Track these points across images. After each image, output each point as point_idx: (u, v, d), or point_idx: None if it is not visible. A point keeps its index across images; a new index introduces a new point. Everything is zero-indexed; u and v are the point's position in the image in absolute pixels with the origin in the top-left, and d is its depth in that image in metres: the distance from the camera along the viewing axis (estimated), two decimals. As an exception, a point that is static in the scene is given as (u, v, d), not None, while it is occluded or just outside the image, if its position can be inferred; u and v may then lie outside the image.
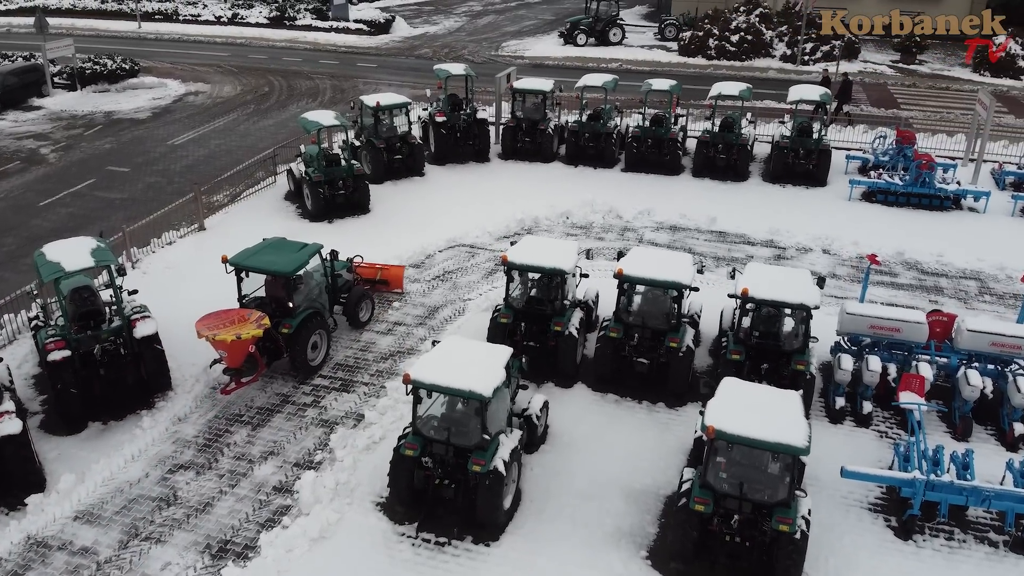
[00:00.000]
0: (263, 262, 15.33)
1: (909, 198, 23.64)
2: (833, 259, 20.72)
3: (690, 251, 20.88)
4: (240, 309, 15.06)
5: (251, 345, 14.45)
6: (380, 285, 18.67)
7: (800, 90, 25.55)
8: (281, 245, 16.27)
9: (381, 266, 18.78)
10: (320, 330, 15.75)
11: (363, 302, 17.28)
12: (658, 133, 25.78)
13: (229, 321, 14.47)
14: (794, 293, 13.99)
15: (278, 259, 15.40)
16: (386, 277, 18.74)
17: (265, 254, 15.68)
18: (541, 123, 26.84)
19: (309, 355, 15.58)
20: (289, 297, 15.27)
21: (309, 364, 15.64)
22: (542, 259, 15.00)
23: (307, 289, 16.03)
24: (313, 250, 15.96)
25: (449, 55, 45.03)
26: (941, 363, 15.27)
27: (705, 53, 43.02)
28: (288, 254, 15.62)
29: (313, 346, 15.64)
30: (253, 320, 14.46)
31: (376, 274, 18.60)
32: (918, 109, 33.73)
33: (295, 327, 15.15)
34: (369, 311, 17.51)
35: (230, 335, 13.99)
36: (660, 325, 14.96)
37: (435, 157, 26.91)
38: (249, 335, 14.13)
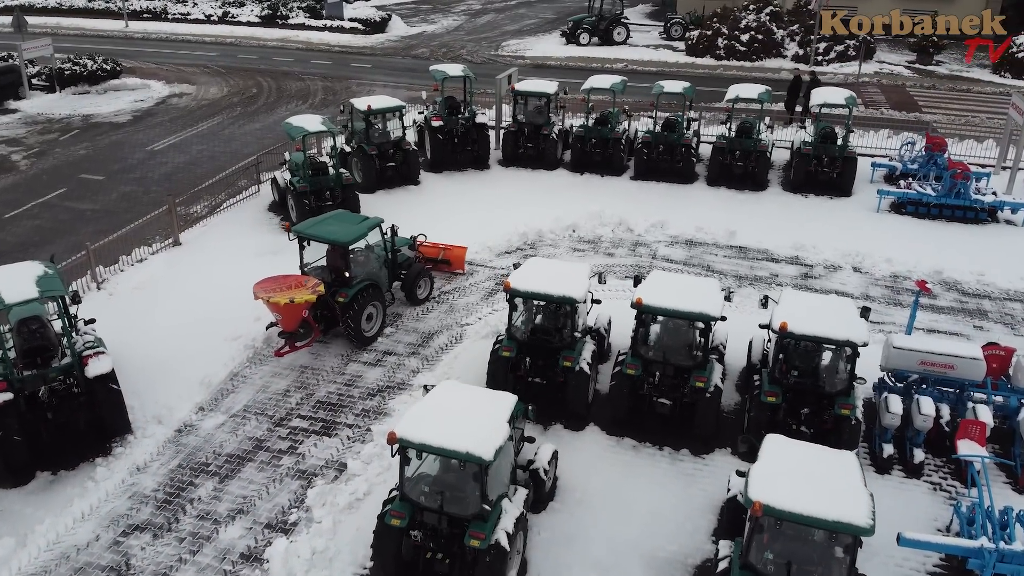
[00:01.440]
0: (323, 231, 15.70)
1: (942, 210, 21.90)
2: (865, 278, 18.97)
3: (708, 268, 19.26)
4: (299, 275, 15.61)
5: (304, 310, 14.87)
6: (442, 265, 18.71)
7: (823, 94, 23.78)
8: (343, 217, 16.72)
9: (444, 246, 18.78)
10: (376, 302, 15.91)
11: (421, 279, 17.38)
12: (670, 139, 24.03)
13: (287, 285, 14.96)
14: (839, 328, 12.25)
15: (338, 230, 15.74)
16: (448, 257, 18.76)
17: (327, 224, 16.10)
18: (544, 128, 25.09)
19: (364, 326, 15.77)
20: (346, 267, 15.55)
21: (363, 334, 15.79)
22: (549, 286, 13.25)
23: (365, 261, 16.42)
24: (373, 223, 16.17)
25: (447, 55, 43.25)
26: (998, 403, 13.54)
27: (714, 53, 41.24)
28: (349, 225, 15.95)
29: (368, 317, 15.82)
30: (309, 286, 14.93)
31: (439, 253, 18.66)
32: (941, 112, 31.98)
33: (350, 297, 15.37)
34: (427, 289, 17.61)
35: (284, 298, 14.48)
36: (684, 361, 13.21)
37: (431, 164, 25.18)
38: (302, 300, 14.56)
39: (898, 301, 17.99)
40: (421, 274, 17.42)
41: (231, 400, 14.52)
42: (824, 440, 12.62)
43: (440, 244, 18.83)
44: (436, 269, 18.56)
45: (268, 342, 16.08)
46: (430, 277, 17.74)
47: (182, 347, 15.65)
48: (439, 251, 18.72)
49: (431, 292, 17.77)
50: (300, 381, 14.97)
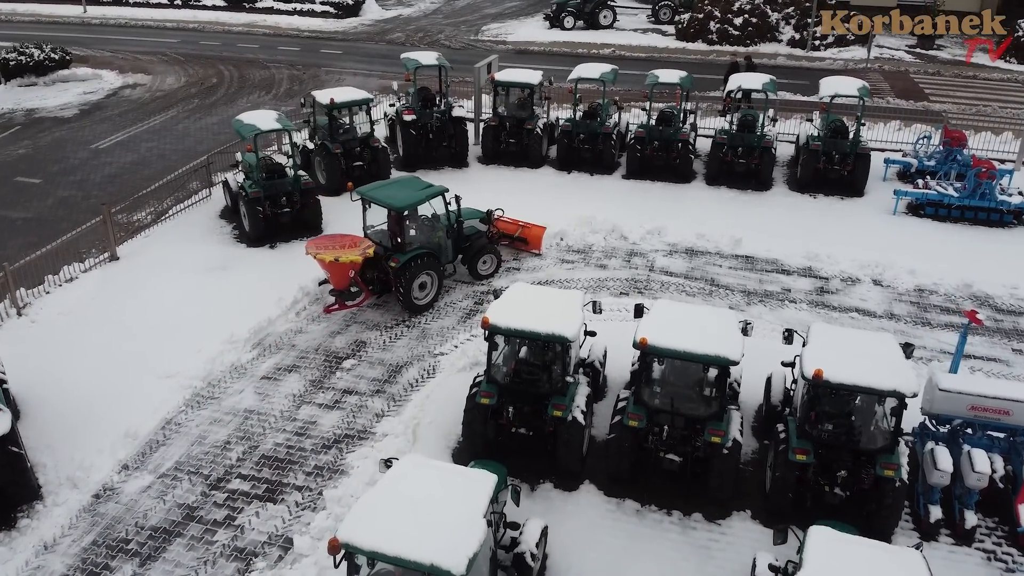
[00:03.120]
0: (383, 195, 15.50)
1: (963, 212, 19.93)
2: (887, 293, 16.96)
3: (713, 282, 17.19)
4: (355, 236, 15.73)
5: (352, 270, 15.18)
6: (519, 243, 18.10)
7: (834, 83, 21.67)
8: (408, 183, 16.46)
9: (524, 223, 18.12)
10: (431, 271, 15.64)
11: (485, 255, 16.89)
12: (666, 134, 21.88)
13: (340, 245, 15.22)
14: (883, 374, 10.19)
15: (397, 194, 15.49)
16: (526, 235, 18.06)
17: (389, 188, 16.06)
18: (528, 121, 22.89)
19: (416, 293, 15.56)
20: (401, 232, 15.27)
21: (414, 302, 15.59)
22: (536, 321, 11.11)
23: (425, 229, 16.19)
24: (434, 192, 15.81)
25: (423, 40, 40.85)
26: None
27: (706, 37, 39.05)
28: (410, 191, 15.69)
29: (421, 286, 15.62)
30: (360, 248, 15.13)
31: (516, 230, 18.05)
32: (950, 101, 30.03)
33: (402, 263, 15.19)
34: (492, 265, 17.10)
35: (330, 256, 14.82)
36: (697, 410, 11.15)
37: (403, 162, 22.93)
38: (347, 259, 14.83)
39: (926, 320, 16.01)
40: (485, 249, 16.83)
41: (161, 456, 12.31)
42: (863, 504, 10.70)
43: (519, 221, 18.14)
44: (512, 247, 18.08)
45: (318, 299, 16.04)
46: (496, 254, 17.11)
47: (108, 388, 13.44)
48: (517, 228, 18.04)
49: (497, 269, 17.17)
50: (243, 429, 12.79)
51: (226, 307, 15.61)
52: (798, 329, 15.32)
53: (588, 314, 12.44)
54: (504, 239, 18.02)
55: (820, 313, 16.17)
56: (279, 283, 16.32)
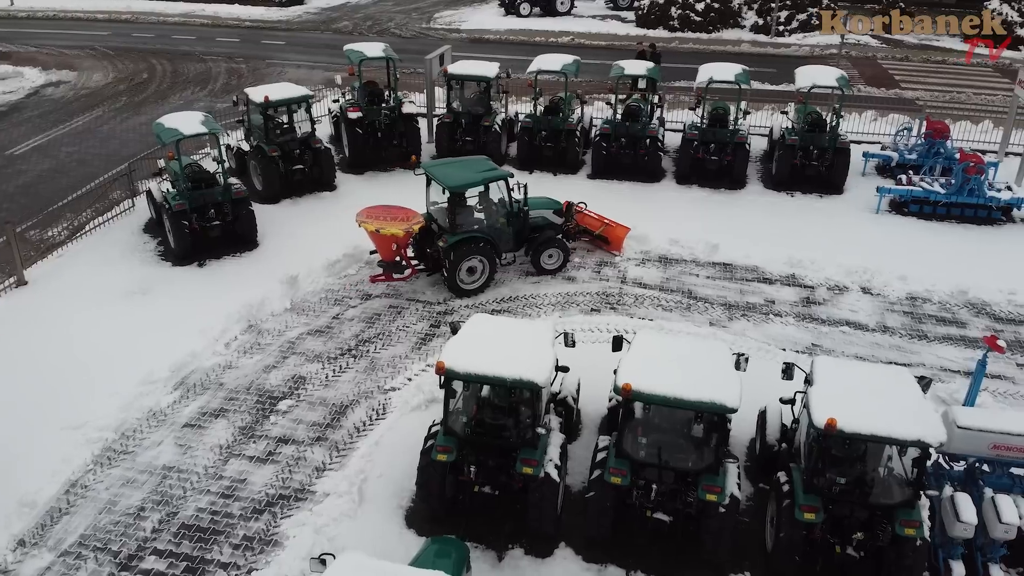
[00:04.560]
0: (441, 172, 15.13)
1: (950, 209, 18.75)
2: (879, 303, 15.66)
3: (690, 294, 15.73)
4: (409, 209, 15.50)
5: (394, 243, 15.00)
6: (599, 241, 17.20)
7: (811, 73, 20.30)
8: (474, 163, 15.98)
9: (608, 221, 17.15)
10: (481, 257, 15.14)
11: (551, 248, 16.05)
12: (633, 129, 20.34)
13: (389, 216, 15.10)
14: (903, 420, 8.78)
15: (455, 173, 15.09)
16: (608, 234, 17.12)
17: (451, 167, 15.68)
18: (485, 117, 21.20)
19: (463, 277, 15.21)
20: (452, 212, 14.87)
21: (460, 285, 15.24)
22: (501, 363, 9.47)
23: (489, 213, 15.70)
24: (494, 176, 15.31)
25: (372, 29, 38.81)
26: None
27: (667, 24, 37.64)
28: (469, 172, 15.25)
29: (470, 270, 15.20)
30: (410, 221, 15.00)
31: (599, 227, 17.13)
32: (922, 88, 28.99)
33: (449, 243, 14.85)
34: (559, 260, 16.22)
35: (372, 226, 14.74)
36: (689, 463, 9.64)
37: (350, 164, 21.13)
38: (388, 232, 14.68)
39: (923, 333, 14.73)
40: (551, 242, 15.97)
41: (63, 528, 10.45)
42: (879, 565, 9.30)
43: (604, 218, 17.19)
44: (593, 244, 17.23)
45: (251, 327, 14.58)
46: (564, 248, 16.17)
47: (3, 445, 11.48)
48: (600, 225, 17.11)
49: (564, 265, 16.28)
50: (161, 492, 10.96)
51: (145, 340, 13.71)
52: (787, 344, 14.37)
53: (560, 346, 10.84)
54: (585, 235, 17.16)
55: (808, 328, 14.82)
56: (207, 309, 14.47)
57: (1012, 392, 13.14)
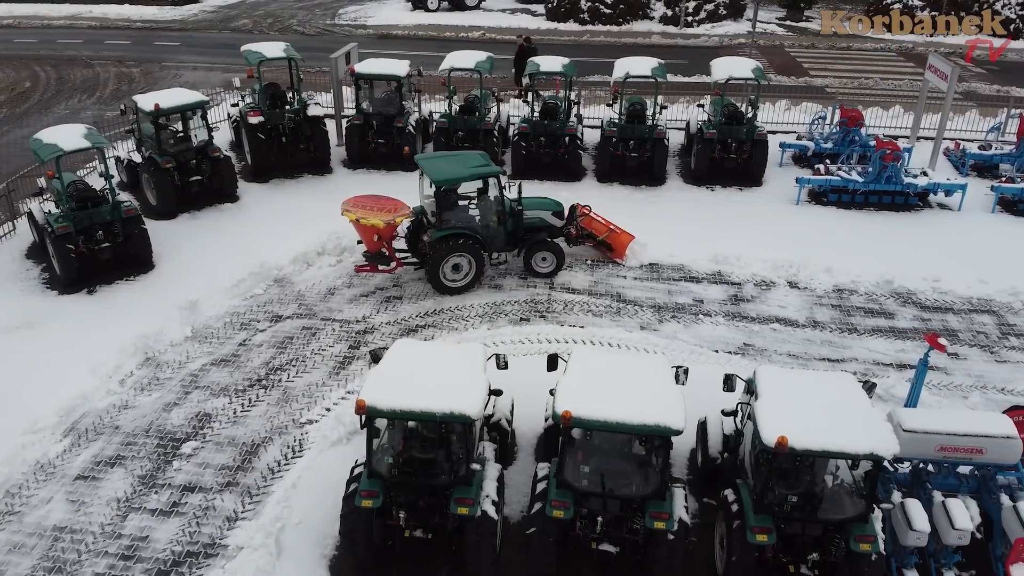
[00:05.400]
0: (430, 166, 14.72)
1: (868, 196, 18.82)
2: (806, 297, 15.47)
3: (618, 298, 15.21)
4: (397, 200, 15.28)
5: (376, 233, 14.67)
6: (602, 247, 16.47)
7: (727, 65, 20.04)
8: (466, 158, 15.45)
9: (615, 227, 16.42)
10: (467, 255, 14.66)
11: (545, 251, 15.47)
12: (551, 128, 19.73)
13: (376, 207, 14.90)
14: (856, 433, 8.37)
15: (444, 168, 14.73)
16: (612, 241, 16.38)
17: (442, 160, 15.41)
18: (398, 118, 20.23)
19: (447, 273, 14.80)
20: (438, 207, 14.52)
21: (443, 282, 14.84)
22: (430, 396, 8.62)
23: (484, 210, 15.21)
24: (483, 172, 14.78)
25: (273, 27, 37.16)
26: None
27: (577, 17, 37.33)
28: (459, 167, 14.82)
29: (455, 268, 14.78)
30: (395, 213, 14.78)
31: (604, 232, 16.39)
32: (831, 75, 29.38)
33: (433, 239, 14.52)
34: (552, 264, 15.60)
35: (352, 215, 14.59)
36: (633, 490, 9.03)
37: (253, 172, 19.86)
38: (368, 222, 14.47)
39: (853, 326, 14.59)
40: (545, 245, 15.38)
41: (-67, 610, 9.13)
42: (835, 583, 8.89)
43: (610, 223, 16.46)
44: (597, 249, 16.52)
45: (148, 359, 13.32)
46: (558, 252, 15.52)
47: None
48: (606, 230, 16.38)
49: (558, 269, 15.66)
50: (52, 557, 9.70)
51: (29, 382, 12.31)
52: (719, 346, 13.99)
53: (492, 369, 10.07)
54: (589, 239, 16.44)
55: (739, 327, 14.49)
56: (98, 342, 13.12)
57: (947, 383, 13.07)
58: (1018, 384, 12.98)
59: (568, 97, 20.23)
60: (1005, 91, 26.92)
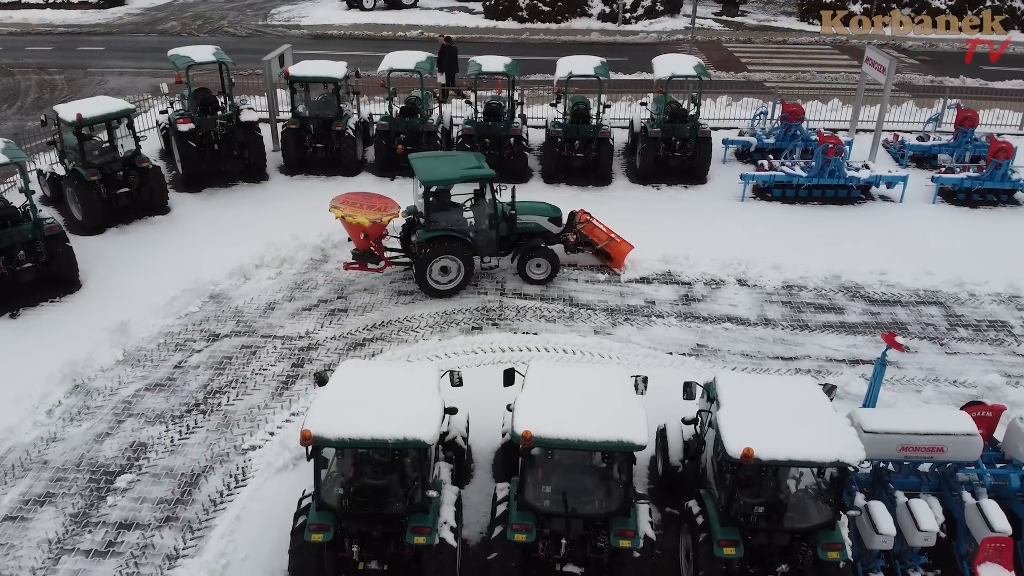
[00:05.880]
0: (421, 165, 14.51)
1: (811, 191, 18.90)
2: (756, 295, 15.41)
3: (571, 301, 14.91)
4: (389, 199, 15.07)
5: (362, 232, 14.39)
6: (600, 256, 16.09)
7: (669, 63, 19.91)
8: (459, 159, 15.41)
9: (616, 236, 15.99)
10: (455, 257, 14.45)
11: (540, 258, 15.19)
12: (496, 129, 19.34)
13: (366, 204, 14.63)
14: (821, 440, 8.19)
15: (434, 168, 14.57)
16: (611, 250, 15.96)
17: (435, 160, 15.16)
18: (336, 121, 19.58)
19: (436, 276, 14.64)
20: (426, 208, 14.39)
21: (430, 284, 14.66)
22: (381, 422, 8.14)
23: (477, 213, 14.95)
24: (474, 175, 14.57)
25: (203, 28, 35.97)
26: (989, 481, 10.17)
27: (516, 15, 37.00)
28: (450, 168, 14.74)
29: (443, 270, 14.59)
30: (384, 211, 14.48)
31: (604, 240, 15.98)
32: (768, 70, 29.59)
33: (420, 240, 14.41)
34: (547, 271, 15.32)
35: (339, 212, 14.25)
36: (597, 508, 8.70)
37: (184, 181, 19.00)
38: (355, 220, 14.17)
39: (804, 323, 14.56)
40: (539, 251, 15.09)
41: None
42: (803, 593, 8.71)
43: (611, 231, 16.05)
44: (596, 258, 16.17)
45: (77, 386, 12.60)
46: (552, 259, 15.22)
47: None
48: (606, 238, 15.96)
49: (552, 276, 15.37)
50: (-27, 610, 8.98)
51: (-55, 417, 11.44)
52: (673, 348, 13.79)
53: (446, 386, 9.64)
54: (588, 247, 16.09)
55: (691, 327, 14.35)
56: (22, 370, 12.28)
57: (899, 378, 13.08)
58: (969, 376, 13.07)
59: (511, 97, 19.85)
60: (939, 81, 27.57)
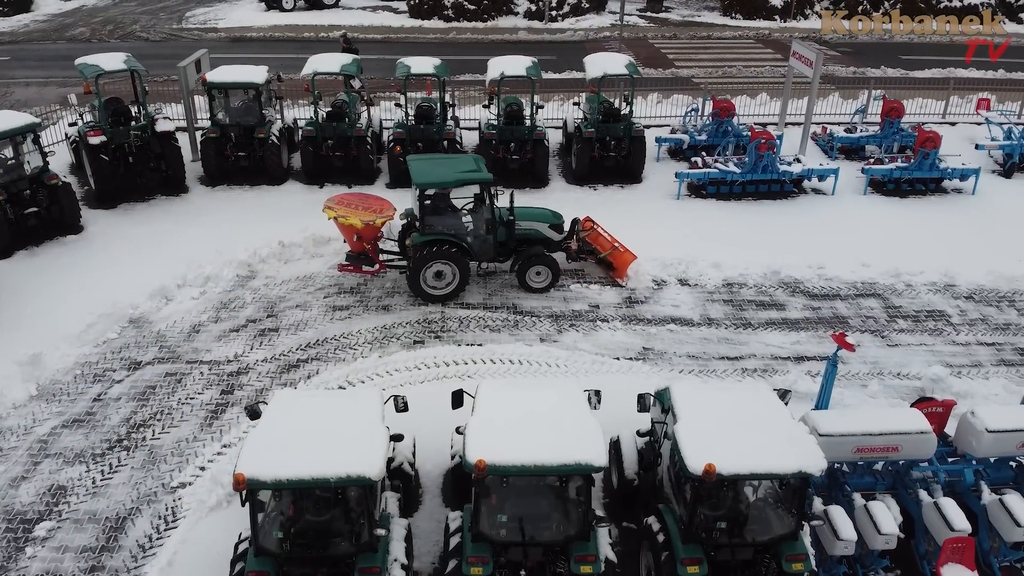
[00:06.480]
0: (417, 168, 14.30)
1: (745, 187, 18.94)
2: (698, 294, 15.26)
3: (514, 308, 14.51)
4: (385, 201, 14.87)
5: (356, 233, 14.22)
6: (603, 265, 15.72)
7: (601, 62, 19.65)
8: (457, 162, 15.11)
9: (619, 245, 15.63)
10: (451, 263, 14.20)
11: (540, 266, 14.88)
12: (428, 132, 18.78)
13: (362, 206, 14.46)
14: (782, 452, 7.95)
15: (430, 170, 14.31)
16: (614, 260, 15.57)
17: (432, 163, 14.96)
18: (259, 129, 18.73)
19: (429, 280, 14.36)
20: (420, 211, 14.15)
21: (423, 289, 14.39)
22: (321, 458, 7.55)
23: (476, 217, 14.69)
24: (471, 179, 14.21)
25: (114, 34, 34.31)
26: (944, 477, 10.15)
27: (441, 14, 36.39)
28: (447, 170, 14.40)
29: (438, 275, 14.33)
30: (377, 213, 14.29)
31: (607, 249, 15.68)
32: (696, 65, 29.72)
33: (414, 243, 14.29)
34: (548, 278, 15.01)
35: (332, 213, 14.14)
36: (555, 534, 8.30)
37: (98, 197, 17.96)
38: (347, 221, 14.02)
39: (747, 321, 14.48)
40: (538, 258, 14.79)
41: None
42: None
43: (615, 239, 15.72)
44: (599, 267, 15.78)
45: None
46: (553, 266, 14.91)
47: None
48: (609, 247, 15.64)
49: (553, 284, 15.04)
50: None
51: None
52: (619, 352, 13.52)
53: (391, 412, 9.10)
54: (591, 255, 15.80)
55: (636, 330, 14.12)
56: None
57: (844, 372, 12.98)
58: (912, 367, 13.16)
59: (443, 99, 19.31)
60: (861, 72, 28.11)
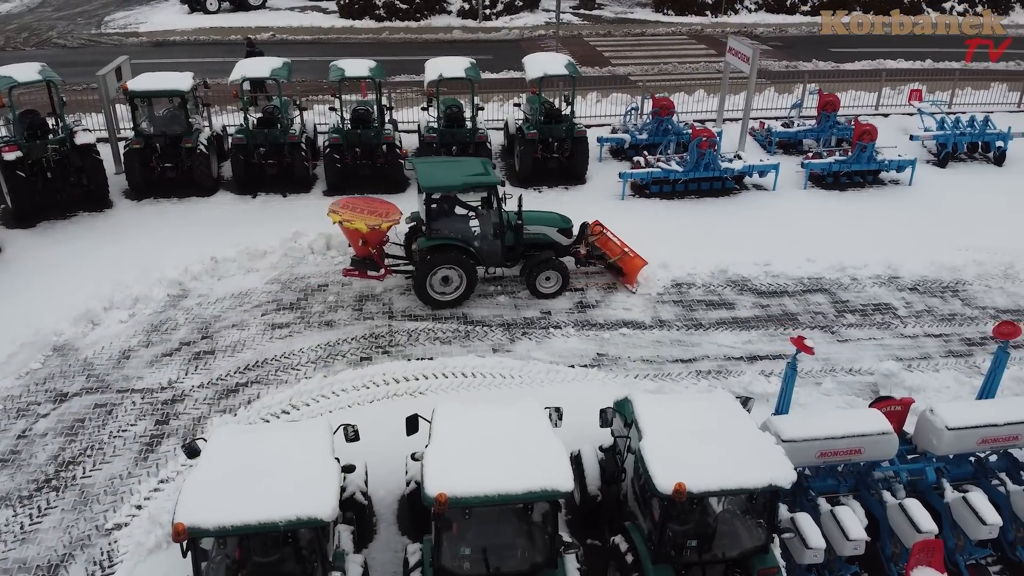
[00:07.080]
0: (424, 170, 14.09)
1: (688, 185, 18.88)
2: (648, 297, 15.06)
3: (465, 319, 14.28)
4: (391, 205, 14.72)
5: (360, 238, 14.03)
6: (612, 269, 15.50)
7: (540, 62, 19.29)
8: (465, 165, 14.89)
9: (630, 250, 15.35)
10: (457, 268, 13.99)
11: (549, 271, 14.66)
12: (366, 136, 18.19)
13: (368, 210, 14.33)
14: (751, 464, 7.73)
15: (436, 174, 14.10)
16: (624, 265, 15.31)
17: (438, 166, 15.02)
18: (186, 138, 17.88)
19: (435, 285, 14.13)
20: (427, 215, 13.99)
21: (429, 293, 14.15)
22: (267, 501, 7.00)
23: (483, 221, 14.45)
24: (476, 182, 14.05)
25: (29, 42, 32.59)
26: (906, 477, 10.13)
27: (373, 13, 35.64)
28: (454, 174, 14.19)
29: (445, 280, 14.09)
30: (383, 217, 14.14)
31: (618, 254, 15.41)
32: (632, 63, 29.67)
33: (421, 248, 14.05)
34: (558, 283, 14.79)
35: (337, 217, 14.02)
36: (520, 563, 7.92)
37: (15, 216, 16.90)
38: (352, 225, 13.89)
39: (698, 322, 14.35)
40: (548, 264, 14.56)
41: None
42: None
43: (625, 245, 15.45)
44: (608, 272, 15.55)
45: None
46: (563, 271, 14.68)
47: None
48: (620, 252, 15.37)
49: (562, 290, 14.82)
50: None
51: None
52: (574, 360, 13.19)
53: (339, 439, 8.58)
54: (600, 260, 15.50)
55: (589, 336, 13.86)
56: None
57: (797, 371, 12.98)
58: (864, 363, 13.20)
59: (380, 101, 18.72)
60: (794, 66, 28.43)
